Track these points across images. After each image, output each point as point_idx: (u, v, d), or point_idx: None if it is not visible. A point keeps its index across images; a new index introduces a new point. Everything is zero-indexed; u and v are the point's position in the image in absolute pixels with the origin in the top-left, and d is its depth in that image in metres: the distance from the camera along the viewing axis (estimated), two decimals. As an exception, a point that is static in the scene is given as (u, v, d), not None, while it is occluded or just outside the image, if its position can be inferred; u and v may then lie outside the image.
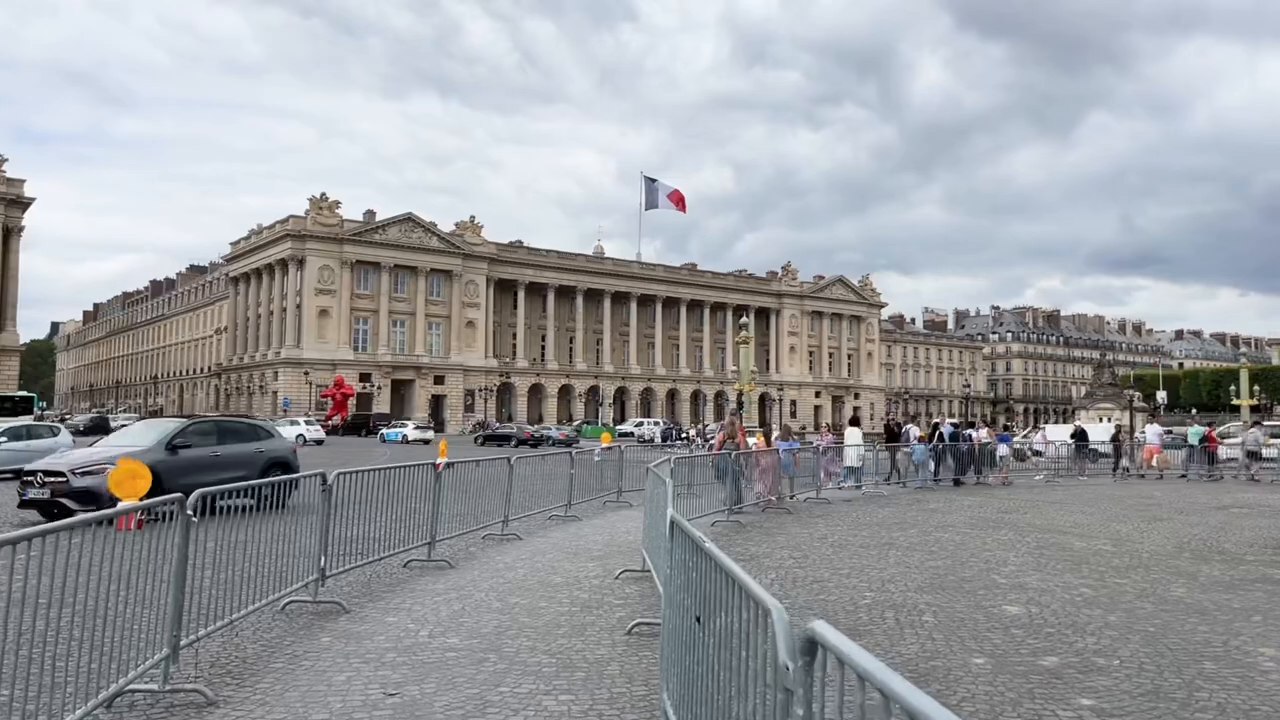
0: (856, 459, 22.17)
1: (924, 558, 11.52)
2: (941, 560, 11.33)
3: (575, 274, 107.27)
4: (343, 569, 8.66)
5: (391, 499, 9.66)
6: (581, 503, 16.32)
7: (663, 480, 7.79)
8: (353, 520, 8.76)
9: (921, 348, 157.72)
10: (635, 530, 13.79)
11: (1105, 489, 25.16)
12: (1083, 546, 12.93)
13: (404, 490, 9.96)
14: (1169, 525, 16.18)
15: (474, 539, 12.32)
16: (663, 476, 7.93)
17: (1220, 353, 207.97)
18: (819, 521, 15.58)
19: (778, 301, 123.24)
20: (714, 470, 15.44)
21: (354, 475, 8.74)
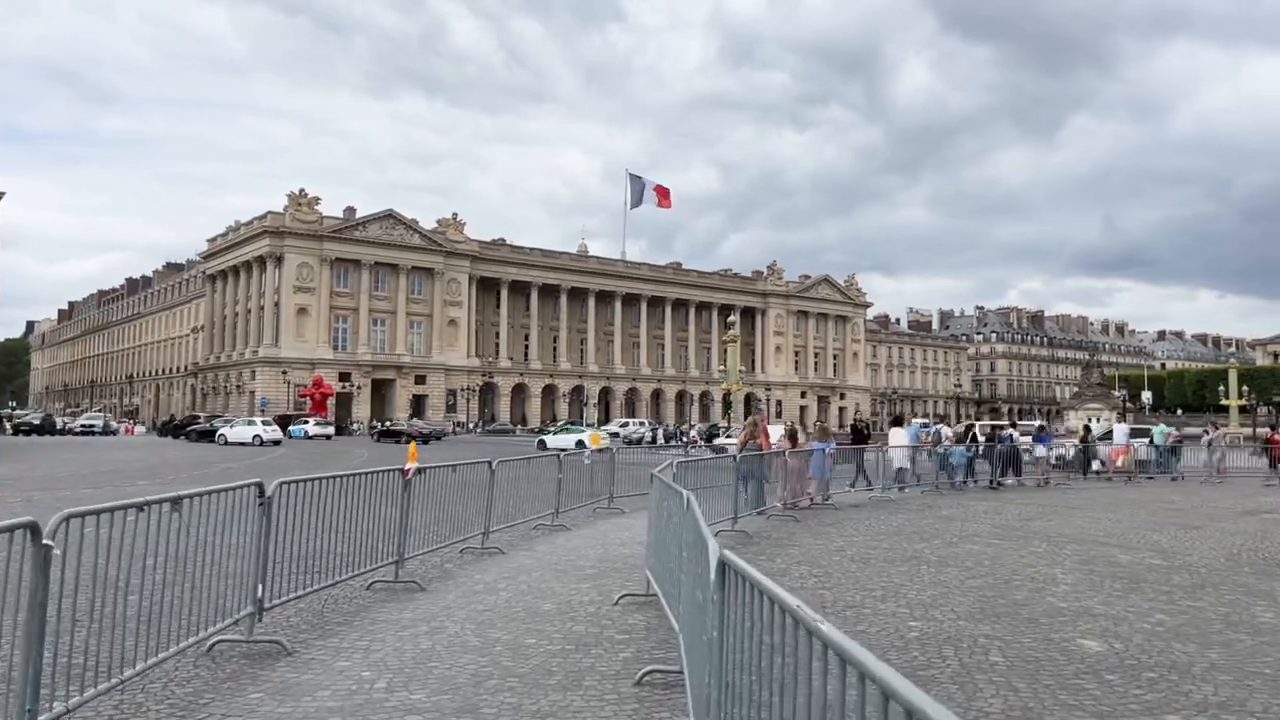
0: (903, 460, 21.54)
1: (961, 575, 10.16)
2: (982, 578, 9.97)
3: (559, 272, 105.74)
4: (288, 597, 7.20)
5: (350, 511, 8.20)
6: (570, 510, 14.90)
7: (677, 493, 6.37)
8: (303, 537, 7.31)
9: (906, 348, 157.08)
10: (631, 542, 12.41)
11: (1117, 492, 23.93)
12: (1130, 560, 11.62)
13: (365, 501, 8.50)
14: (1206, 533, 14.92)
15: (450, 554, 10.87)
16: (678, 489, 6.50)
17: (1202, 353, 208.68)
18: (831, 531, 14.21)
19: (763, 301, 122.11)
20: (735, 473, 14.04)
21: (302, 485, 7.28)
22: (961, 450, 23.53)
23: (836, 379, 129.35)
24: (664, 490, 7.56)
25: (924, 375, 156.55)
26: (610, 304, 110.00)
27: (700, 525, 4.21)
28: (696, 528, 4.28)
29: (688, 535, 5.16)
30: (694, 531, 4.56)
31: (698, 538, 4.16)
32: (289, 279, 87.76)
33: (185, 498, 5.50)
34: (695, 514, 4.72)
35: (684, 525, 5.73)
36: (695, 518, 4.58)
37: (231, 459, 35.26)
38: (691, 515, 4.90)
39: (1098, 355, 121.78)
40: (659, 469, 9.00)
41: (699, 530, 4.17)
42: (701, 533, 3.97)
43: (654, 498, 8.25)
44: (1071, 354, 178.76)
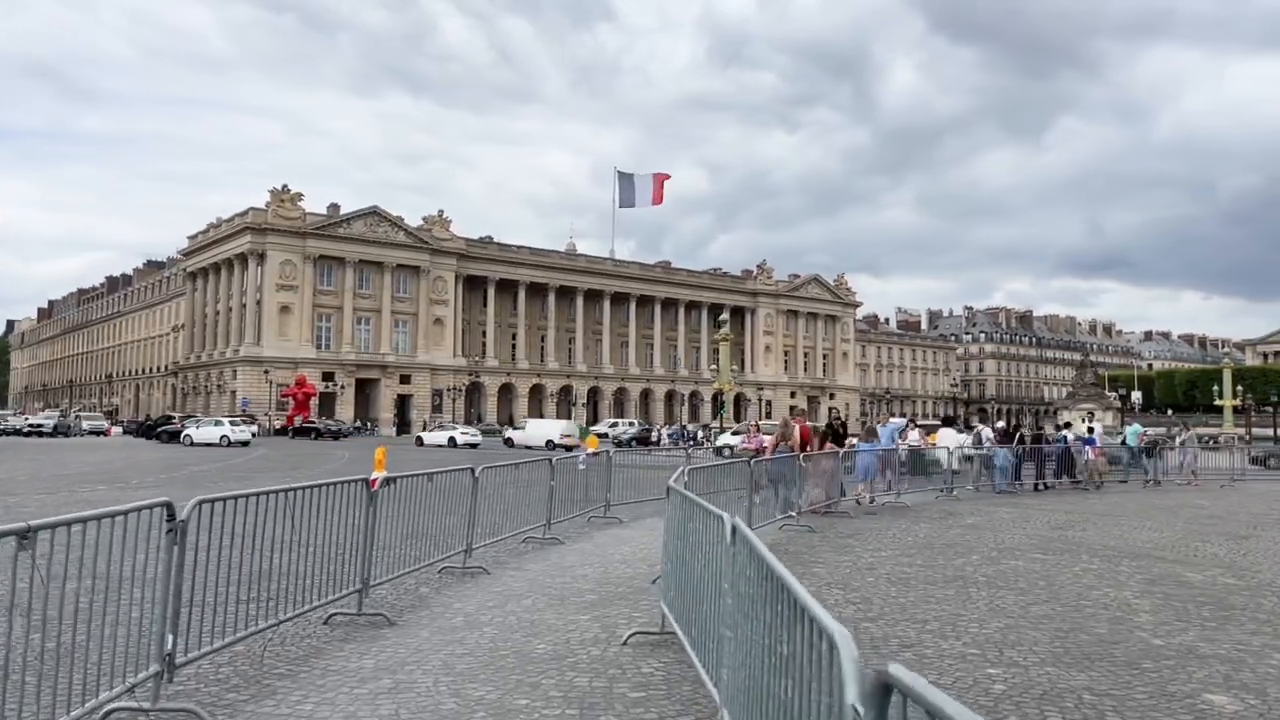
0: (952, 462, 21.01)
1: (1020, 600, 8.76)
2: (1046, 605, 8.57)
3: (547, 271, 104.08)
4: (218, 645, 5.72)
5: (303, 532, 6.72)
6: (563, 520, 13.44)
7: (715, 516, 4.91)
8: (234, 567, 5.83)
9: (896, 348, 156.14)
10: (633, 559, 10.97)
11: (1139, 497, 22.62)
12: (1201, 580, 10.24)
13: (321, 518, 7.02)
14: (1261, 545, 13.60)
15: (426, 575, 9.40)
16: (717, 513, 5.02)
17: (1188, 354, 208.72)
18: (853, 544, 12.79)
19: (753, 300, 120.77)
20: (749, 478, 12.67)
21: (229, 503, 5.79)
22: (1006, 452, 22.54)
23: (826, 379, 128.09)
24: (687, 509, 6.10)
25: (913, 375, 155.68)
26: (599, 303, 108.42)
27: (800, 596, 2.73)
28: (790, 596, 2.81)
29: (748, 587, 3.71)
30: (767, 589, 3.11)
31: (791, 610, 2.70)
32: (271, 277, 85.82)
33: (40, 529, 4.00)
34: (773, 565, 3.23)
35: (730, 565, 4.29)
36: (778, 571, 3.10)
37: (204, 461, 33.62)
38: (758, 559, 3.44)
39: (1085, 355, 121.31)
40: (674, 478, 7.55)
41: (797, 601, 2.70)
42: (814, 614, 2.50)
43: (672, 516, 6.79)
44: (1060, 354, 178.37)
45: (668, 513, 7.02)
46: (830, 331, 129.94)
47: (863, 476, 17.63)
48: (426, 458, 37.87)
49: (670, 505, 6.91)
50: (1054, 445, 23.58)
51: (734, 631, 4.11)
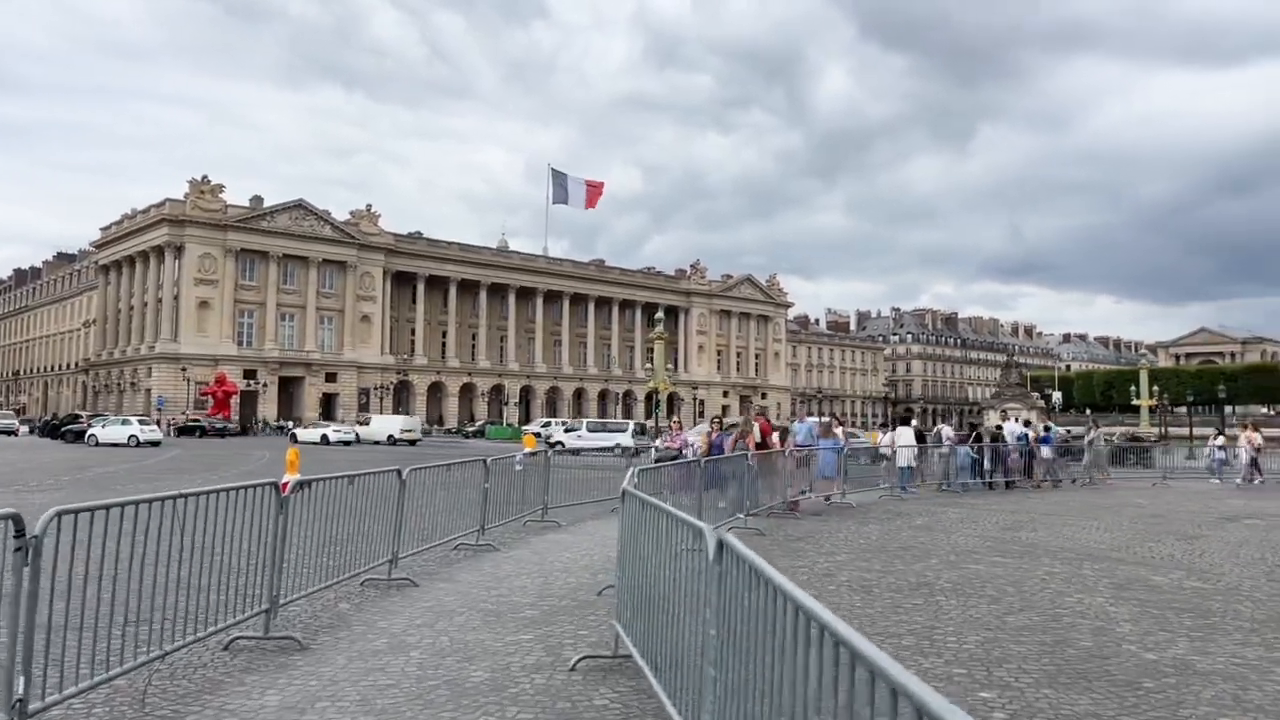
0: (908, 460, 20.96)
1: (994, 609, 8.19)
2: (1022, 614, 8.00)
3: (479, 268, 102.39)
4: (86, 684, 4.75)
5: (199, 545, 5.77)
6: (498, 525, 12.55)
7: (694, 529, 4.16)
8: (119, 587, 4.88)
9: (826, 348, 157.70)
10: (575, 566, 10.16)
11: (1080, 496, 22.56)
12: (1168, 584, 9.82)
13: (223, 529, 6.06)
14: (1212, 544, 13.35)
15: (346, 589, 8.46)
16: (698, 525, 4.25)
17: (1104, 355, 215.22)
18: (805, 548, 12.17)
19: (687, 300, 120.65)
20: (698, 479, 12.00)
21: (100, 514, 4.82)
22: (966, 450, 22.49)
23: (758, 378, 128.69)
24: (649, 517, 5.32)
25: (843, 375, 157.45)
26: (531, 301, 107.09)
27: (875, 659, 1.95)
28: (846, 650, 2.05)
29: (747, 622, 2.95)
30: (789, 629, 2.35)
31: (639, 554, 1.93)
32: (190, 270, 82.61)
33: None
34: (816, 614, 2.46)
35: (715, 589, 3.52)
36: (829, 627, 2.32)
37: (111, 461, 31.73)
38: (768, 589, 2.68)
39: (1010, 356, 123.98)
40: (627, 480, 6.77)
41: (867, 662, 1.94)
42: (907, 687, 1.73)
43: (628, 524, 6.00)
44: (984, 355, 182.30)
45: (622, 519, 6.23)
46: (762, 331, 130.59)
47: (824, 475, 17.63)
48: (352, 458, 36.47)
49: (625, 512, 6.12)
50: (1015, 444, 23.38)
51: (721, 672, 3.35)
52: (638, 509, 5.69)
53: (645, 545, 5.37)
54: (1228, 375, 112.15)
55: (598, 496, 15.69)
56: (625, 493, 6.07)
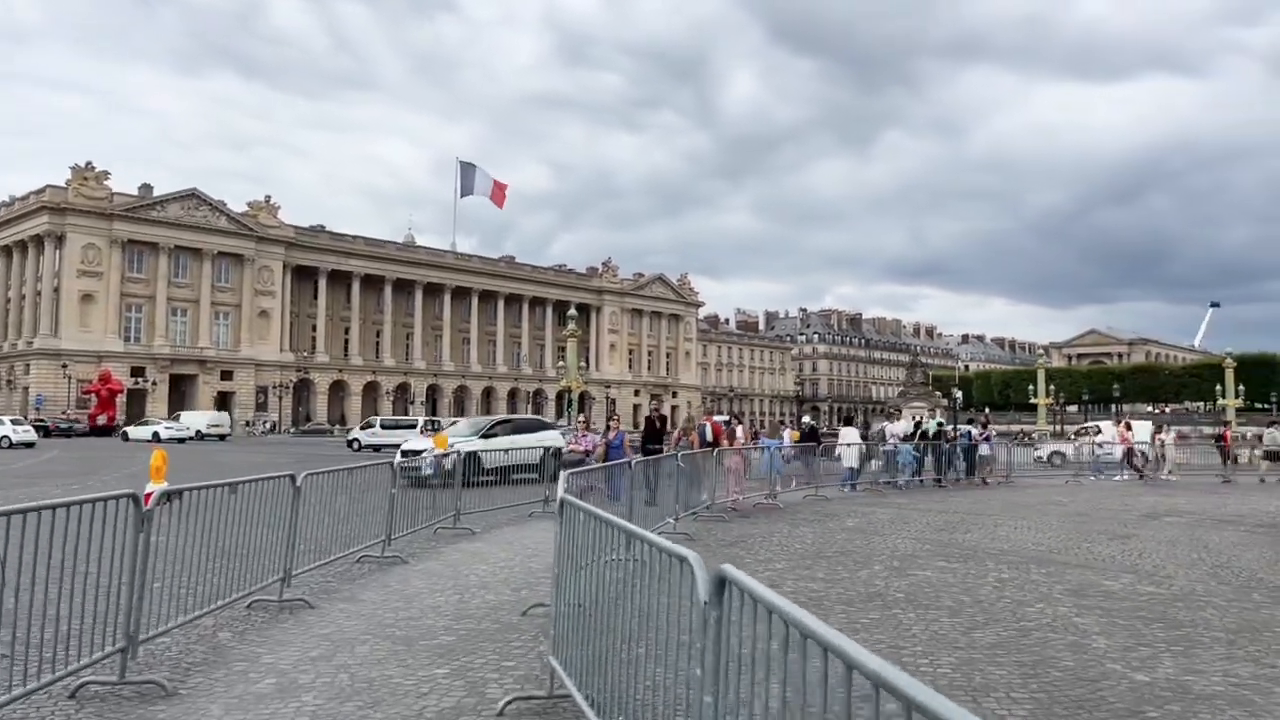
0: (854, 459, 21.35)
1: (957, 624, 7.51)
2: (989, 629, 7.35)
3: (384, 263, 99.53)
4: None
5: (37, 573, 4.61)
6: (407, 534, 11.44)
7: (693, 572, 3.27)
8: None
9: (735, 347, 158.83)
10: (493, 581, 9.17)
11: (999, 495, 22.46)
12: (1123, 589, 9.35)
13: (69, 552, 4.91)
14: (1145, 544, 13.08)
15: (228, 615, 7.30)
16: (679, 553, 3.36)
17: (1000, 355, 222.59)
18: (739, 553, 11.40)
19: (598, 298, 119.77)
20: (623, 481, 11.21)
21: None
22: (909, 449, 22.75)
23: (669, 377, 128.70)
24: (599, 534, 4.41)
25: (752, 374, 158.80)
26: (439, 298, 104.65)
27: None
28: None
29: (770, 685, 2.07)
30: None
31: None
32: (71, 261, 77.91)
33: None
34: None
35: (712, 640, 2.65)
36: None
37: (-23, 466, 29.16)
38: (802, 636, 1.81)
39: (914, 356, 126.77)
40: (563, 487, 5.81)
41: None
42: None
43: (569, 540, 5.06)
44: (887, 355, 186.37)
45: (559, 534, 5.28)
46: (673, 331, 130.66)
47: (769, 472, 17.89)
48: (249, 460, 34.42)
49: (563, 526, 5.17)
50: (959, 442, 23.58)
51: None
52: (580, 522, 4.77)
53: (590, 567, 4.45)
54: (1116, 375, 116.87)
55: (513, 502, 14.69)
56: (564, 502, 5.13)
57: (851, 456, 21.09)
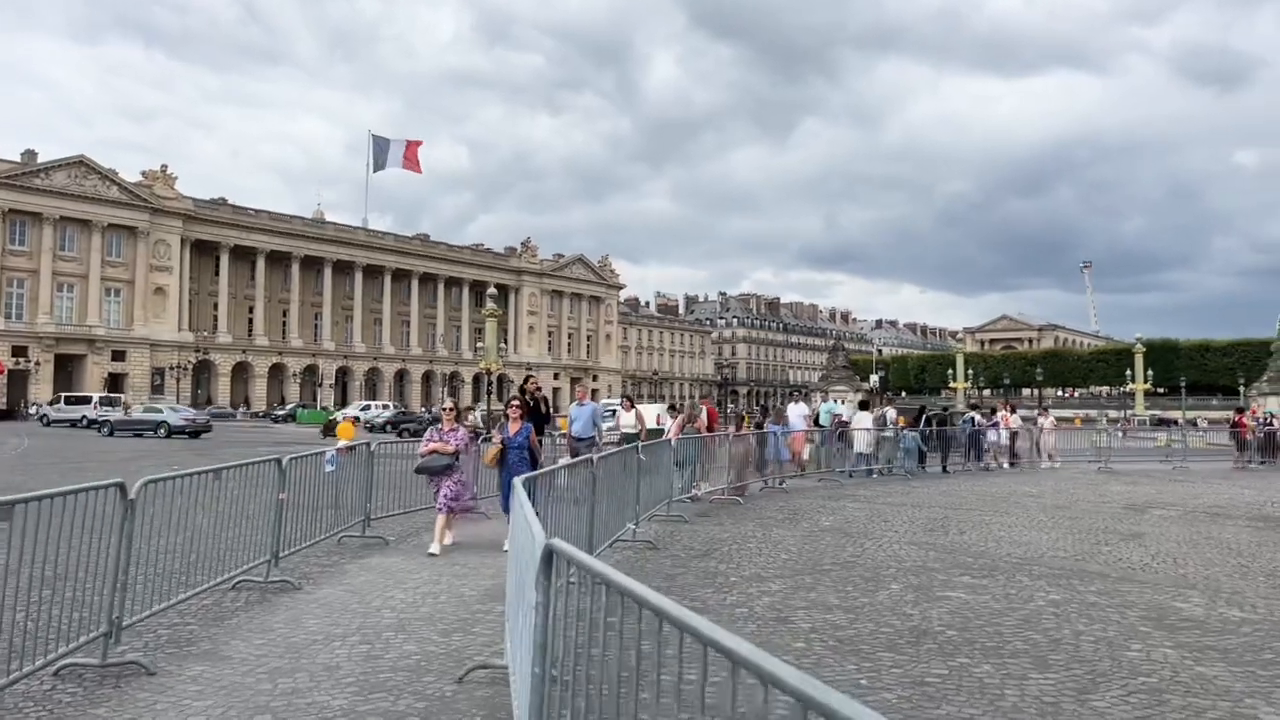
0: (866, 445, 20.80)
1: (1055, 683, 5.53)
2: (1102, 692, 5.38)
3: (291, 239, 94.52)
4: None
5: None
6: (300, 548, 9.04)
7: None
8: None
9: (656, 331, 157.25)
10: (415, 615, 6.89)
11: (956, 484, 20.86)
12: (1208, 616, 7.55)
13: None
14: (1167, 546, 11.46)
15: (23, 691, 4.87)
16: None
17: (912, 341, 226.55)
18: (717, 566, 9.29)
19: (517, 279, 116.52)
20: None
21: None
22: (913, 435, 21.98)
23: (589, 360, 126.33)
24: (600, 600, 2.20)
25: (673, 358, 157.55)
26: (349, 276, 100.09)
27: None
28: None
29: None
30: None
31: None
32: (-58, 232, 71.69)
33: None
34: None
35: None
36: None
37: None
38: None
39: (829, 341, 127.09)
40: (521, 498, 3.58)
41: None
42: None
43: (515, 586, 2.83)
44: (804, 339, 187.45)
45: (511, 582, 3.05)
46: (594, 313, 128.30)
47: (774, 458, 17.70)
48: (113, 451, 31.04)
49: (514, 572, 2.95)
50: (961, 428, 22.51)
51: None
52: (587, 585, 2.56)
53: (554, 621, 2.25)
54: (1029, 360, 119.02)
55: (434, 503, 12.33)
56: (553, 552, 2.89)
57: (862, 442, 20.74)
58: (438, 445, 10.28)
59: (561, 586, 2.87)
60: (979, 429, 23.16)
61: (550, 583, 2.86)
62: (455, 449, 10.23)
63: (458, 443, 10.34)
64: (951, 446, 23.20)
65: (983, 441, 23.37)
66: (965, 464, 23.56)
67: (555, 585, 2.87)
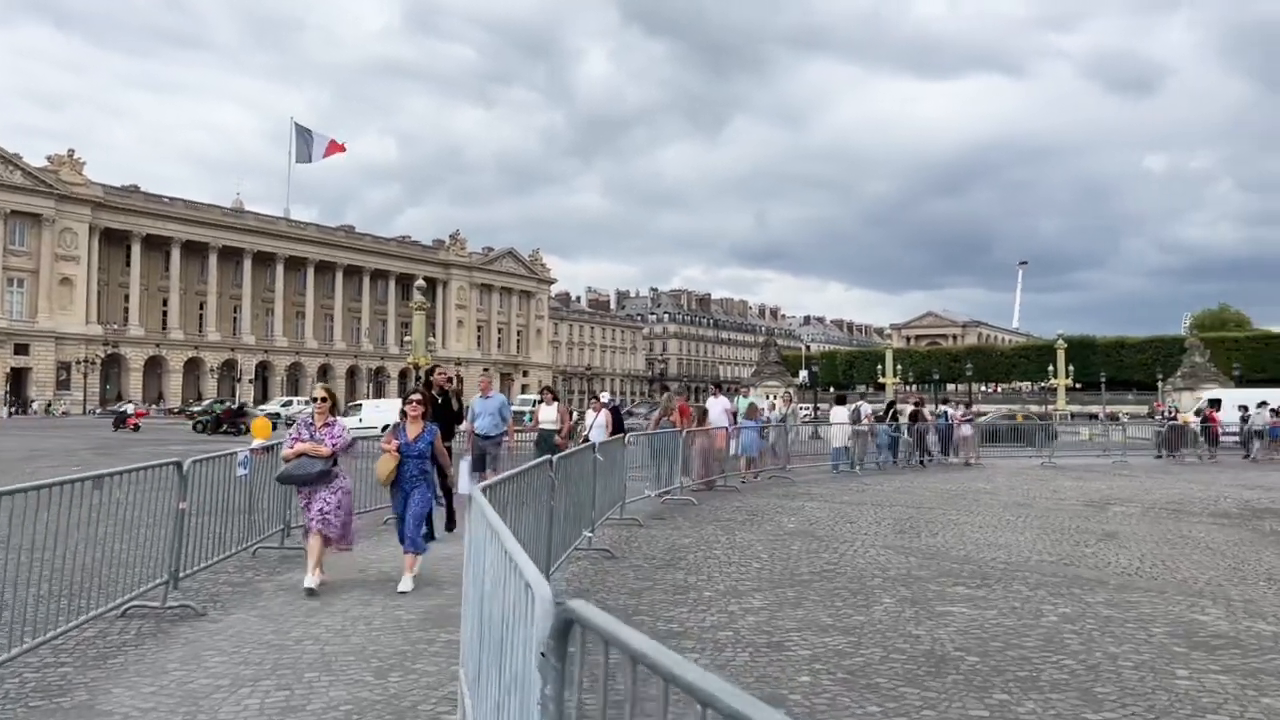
0: (844, 440, 20.70)
1: (1057, 700, 4.69)
2: (1105, 713, 4.55)
3: (208, 229, 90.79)
4: None
5: None
6: (209, 564, 7.80)
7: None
8: None
9: (587, 326, 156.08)
10: (343, 648, 5.76)
11: (909, 480, 20.32)
12: (1234, 629, 6.84)
13: None
14: (1148, 546, 10.89)
15: None
16: None
17: (839, 337, 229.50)
18: (691, 581, 8.32)
19: (445, 272, 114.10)
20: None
21: None
22: (886, 429, 22.06)
23: (519, 355, 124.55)
24: None
25: (604, 353, 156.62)
26: (270, 268, 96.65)
27: None
28: None
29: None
30: None
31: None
32: None
33: None
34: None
35: None
36: None
37: None
38: None
39: (758, 337, 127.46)
40: (478, 503, 2.55)
41: None
42: None
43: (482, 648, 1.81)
44: (735, 335, 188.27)
45: (469, 620, 2.01)
46: (524, 307, 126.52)
47: (747, 452, 17.59)
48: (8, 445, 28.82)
49: (474, 604, 1.91)
50: (937, 422, 22.37)
51: None
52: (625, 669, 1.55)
53: None
54: (954, 355, 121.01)
55: (369, 505, 11.14)
56: (572, 621, 1.86)
57: (839, 437, 20.81)
58: (308, 446, 7.87)
59: (586, 672, 1.85)
60: (952, 423, 22.79)
61: (569, 668, 1.83)
62: (331, 451, 7.89)
63: (334, 442, 7.94)
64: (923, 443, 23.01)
65: (955, 437, 23.05)
66: (941, 459, 23.65)
67: (575, 670, 1.84)
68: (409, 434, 8.10)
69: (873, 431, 21.64)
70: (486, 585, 2.87)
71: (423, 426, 8.20)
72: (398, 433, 8.19)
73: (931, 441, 23.21)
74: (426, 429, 8.21)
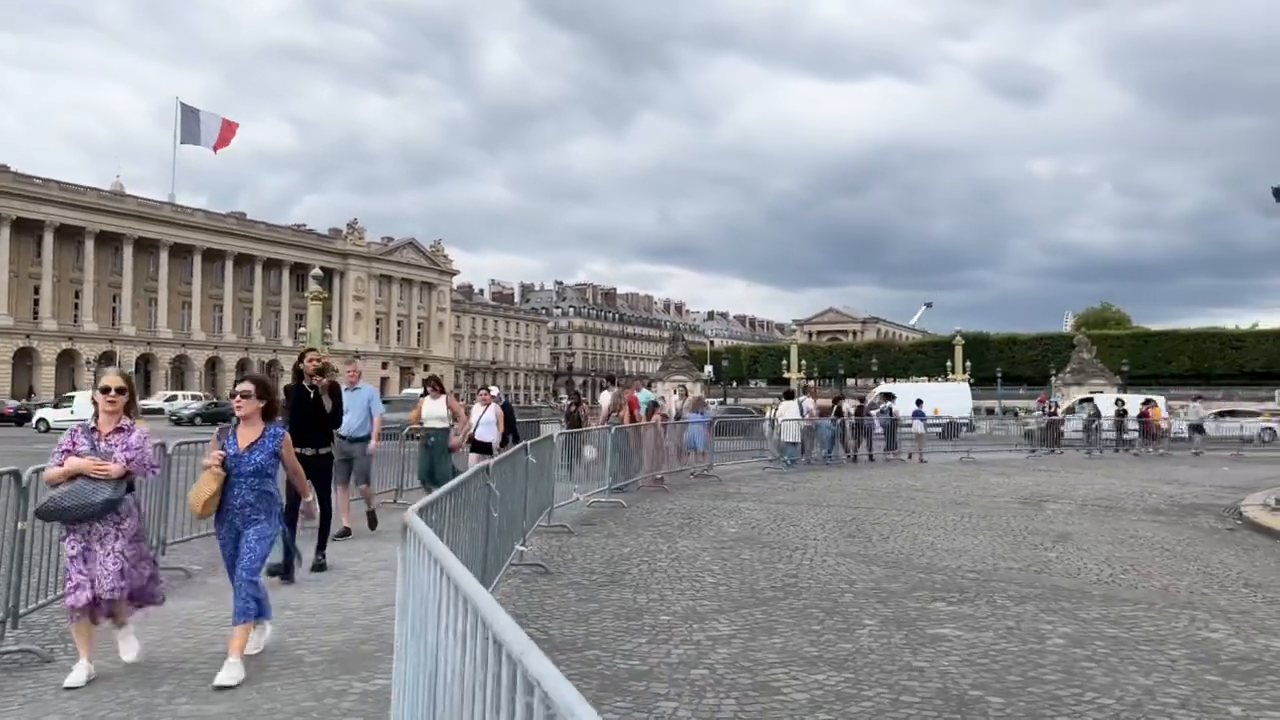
0: (795, 435, 20.85)
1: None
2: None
3: (85, 212, 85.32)
4: None
5: None
6: (56, 599, 6.40)
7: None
8: None
9: (490, 319, 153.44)
10: (229, 700, 4.49)
11: (839, 478, 19.77)
12: (1249, 648, 6.18)
13: None
14: (1106, 550, 10.38)
15: None
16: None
17: (741, 332, 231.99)
18: (631, 596, 7.29)
19: (343, 262, 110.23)
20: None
21: None
22: (828, 424, 22.10)
23: (420, 348, 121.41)
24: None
25: (508, 347, 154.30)
26: (154, 255, 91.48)
27: None
28: None
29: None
30: None
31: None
32: None
33: None
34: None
35: None
36: None
37: None
38: None
39: (664, 331, 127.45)
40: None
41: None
42: None
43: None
44: (640, 330, 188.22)
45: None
46: (426, 299, 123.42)
47: (696, 447, 17.73)
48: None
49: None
50: (880, 418, 21.96)
51: None
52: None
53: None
54: (854, 351, 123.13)
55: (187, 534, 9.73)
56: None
57: (790, 432, 20.85)
58: (87, 463, 5.22)
59: None
60: (897, 419, 22.49)
61: None
62: (124, 469, 5.30)
63: (129, 456, 5.34)
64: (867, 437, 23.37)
65: (898, 432, 22.86)
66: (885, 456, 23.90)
67: None
68: (240, 442, 5.65)
69: (816, 426, 21.56)
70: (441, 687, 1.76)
71: (261, 430, 5.72)
72: (224, 439, 5.71)
73: (877, 436, 23.05)
74: (267, 433, 5.72)
